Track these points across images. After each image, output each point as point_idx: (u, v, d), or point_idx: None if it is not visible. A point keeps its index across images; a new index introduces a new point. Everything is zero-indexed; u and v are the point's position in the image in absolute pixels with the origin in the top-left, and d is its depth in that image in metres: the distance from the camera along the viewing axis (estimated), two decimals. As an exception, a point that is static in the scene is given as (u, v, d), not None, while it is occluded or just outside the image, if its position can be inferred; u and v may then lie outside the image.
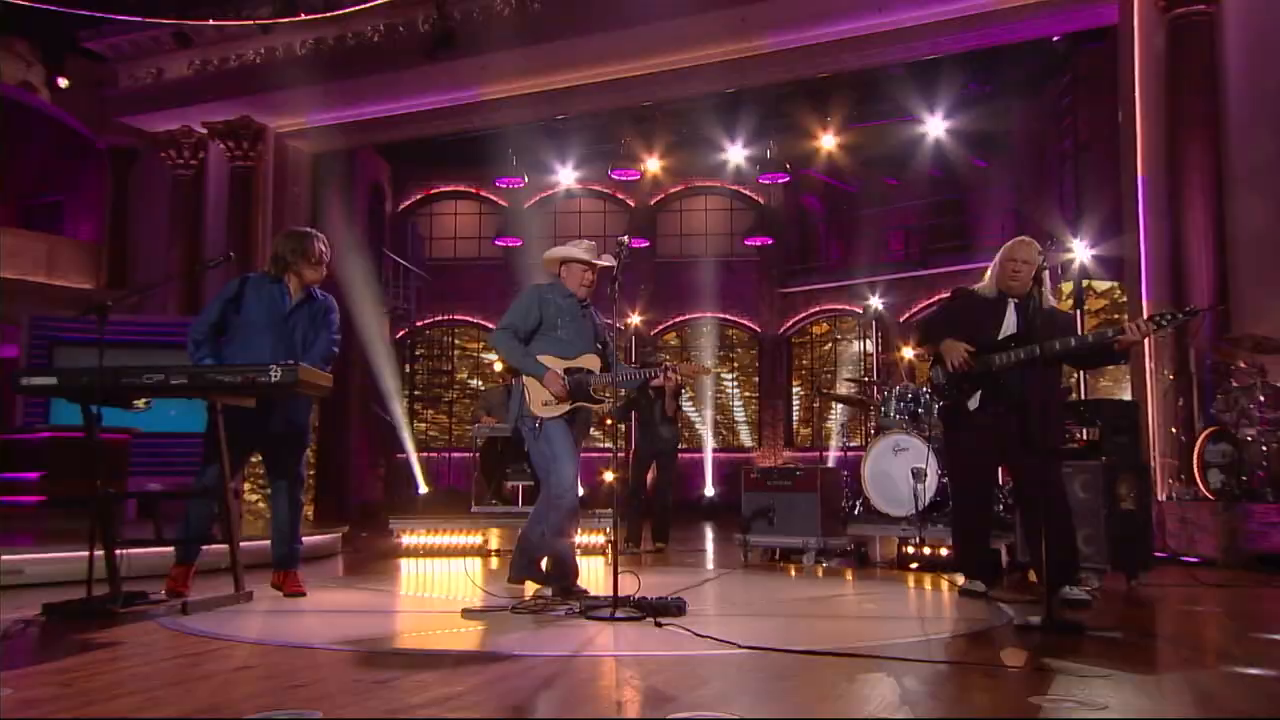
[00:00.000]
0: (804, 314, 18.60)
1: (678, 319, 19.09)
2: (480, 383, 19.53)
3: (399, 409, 17.82)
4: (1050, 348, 5.02)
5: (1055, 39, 12.77)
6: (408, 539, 9.21)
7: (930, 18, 12.27)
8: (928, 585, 7.04)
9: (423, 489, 17.89)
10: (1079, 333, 6.02)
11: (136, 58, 15.68)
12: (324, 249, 5.91)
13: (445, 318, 19.79)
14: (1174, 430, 10.03)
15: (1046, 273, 5.42)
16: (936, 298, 17.20)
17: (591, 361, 5.51)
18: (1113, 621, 5.05)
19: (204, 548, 5.60)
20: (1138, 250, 11.06)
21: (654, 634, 4.37)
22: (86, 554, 5.06)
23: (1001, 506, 7.01)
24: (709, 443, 17.80)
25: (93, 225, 17.33)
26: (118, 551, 5.08)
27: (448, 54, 13.50)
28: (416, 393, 19.56)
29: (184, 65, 15.48)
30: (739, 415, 18.80)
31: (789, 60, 13.53)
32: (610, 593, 4.87)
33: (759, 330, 18.83)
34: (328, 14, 12.70)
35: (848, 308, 17.85)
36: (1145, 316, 6.03)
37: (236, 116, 15.72)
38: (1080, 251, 11.89)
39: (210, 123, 15.90)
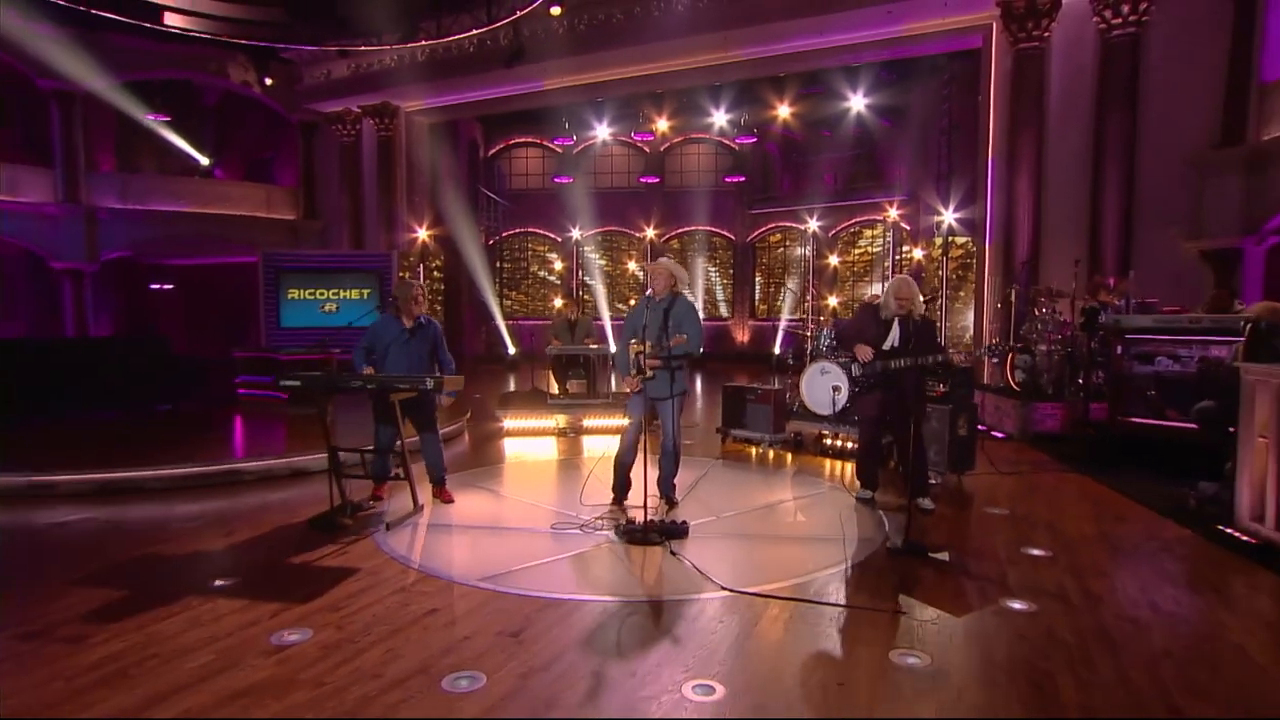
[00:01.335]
0: (765, 228, 18.37)
1: (679, 230, 18.96)
2: (546, 273, 19.74)
3: (490, 292, 17.98)
4: (922, 358, 5.22)
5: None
6: (509, 423, 8.88)
7: (856, 40, 12.01)
8: (837, 476, 6.80)
9: (510, 350, 17.67)
10: (937, 339, 5.71)
11: (314, 64, 15.46)
12: (420, 291, 5.89)
13: (520, 230, 19.63)
14: (995, 341, 10.00)
15: (916, 289, 5.53)
16: (855, 220, 17.17)
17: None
18: (943, 539, 4.92)
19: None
20: (985, 215, 10.98)
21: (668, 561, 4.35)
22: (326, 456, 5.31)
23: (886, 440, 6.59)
24: (700, 312, 18.02)
25: (291, 176, 17.27)
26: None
27: (519, 63, 13.30)
28: (504, 279, 19.70)
29: (344, 69, 15.23)
30: (719, 295, 18.91)
31: (755, 64, 13.28)
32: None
33: (733, 238, 18.69)
34: (439, 40, 12.46)
35: (794, 225, 17.64)
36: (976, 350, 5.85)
37: (380, 102, 15.60)
38: (948, 215, 11.72)
39: (363, 106, 15.80)
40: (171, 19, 11.04)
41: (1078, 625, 3.58)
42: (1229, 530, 4.85)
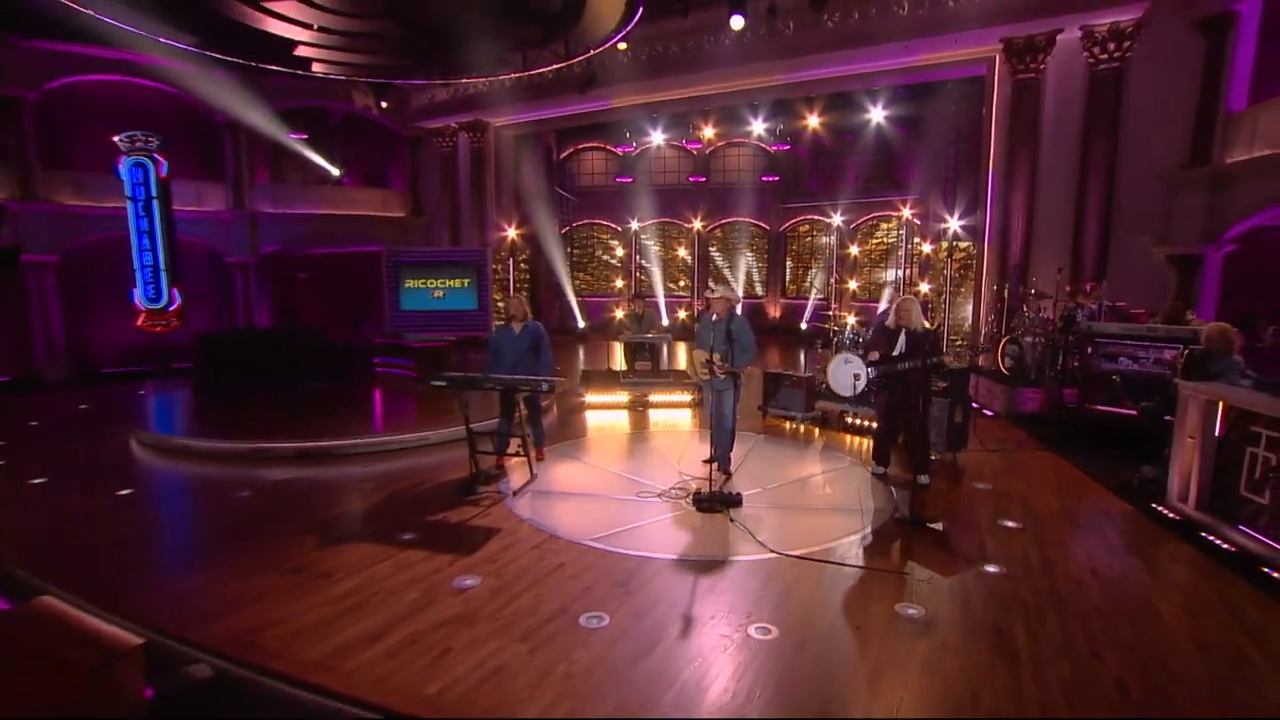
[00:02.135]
0: (795, 220, 18.40)
1: (722, 221, 19.09)
2: (608, 258, 20.14)
3: (564, 271, 18.51)
4: (923, 361, 5.52)
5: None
6: (590, 398, 9.25)
7: (877, 69, 11.96)
8: (859, 450, 7.15)
9: (580, 322, 18.16)
10: (938, 346, 5.93)
11: (421, 90, 15.91)
12: (523, 305, 6.44)
13: (587, 221, 19.94)
14: (983, 344, 10.24)
15: (918, 307, 5.91)
16: (873, 215, 17.16)
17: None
18: (939, 511, 5.28)
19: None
20: (985, 222, 11.00)
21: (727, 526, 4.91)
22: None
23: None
24: (740, 291, 18.32)
25: (401, 181, 17.83)
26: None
27: (592, 88, 13.60)
28: (574, 263, 20.13)
29: (445, 94, 15.68)
30: (755, 277, 19.12)
31: (792, 87, 13.26)
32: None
33: (768, 228, 18.73)
34: (524, 72, 12.83)
35: (820, 218, 17.67)
36: (969, 354, 5.93)
37: (473, 119, 15.98)
38: (953, 222, 11.74)
39: (460, 122, 16.22)
40: (317, 66, 11.65)
41: (1035, 586, 4.14)
42: (1161, 508, 5.31)
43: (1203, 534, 4.84)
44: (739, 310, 6.32)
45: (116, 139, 13.10)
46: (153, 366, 14.28)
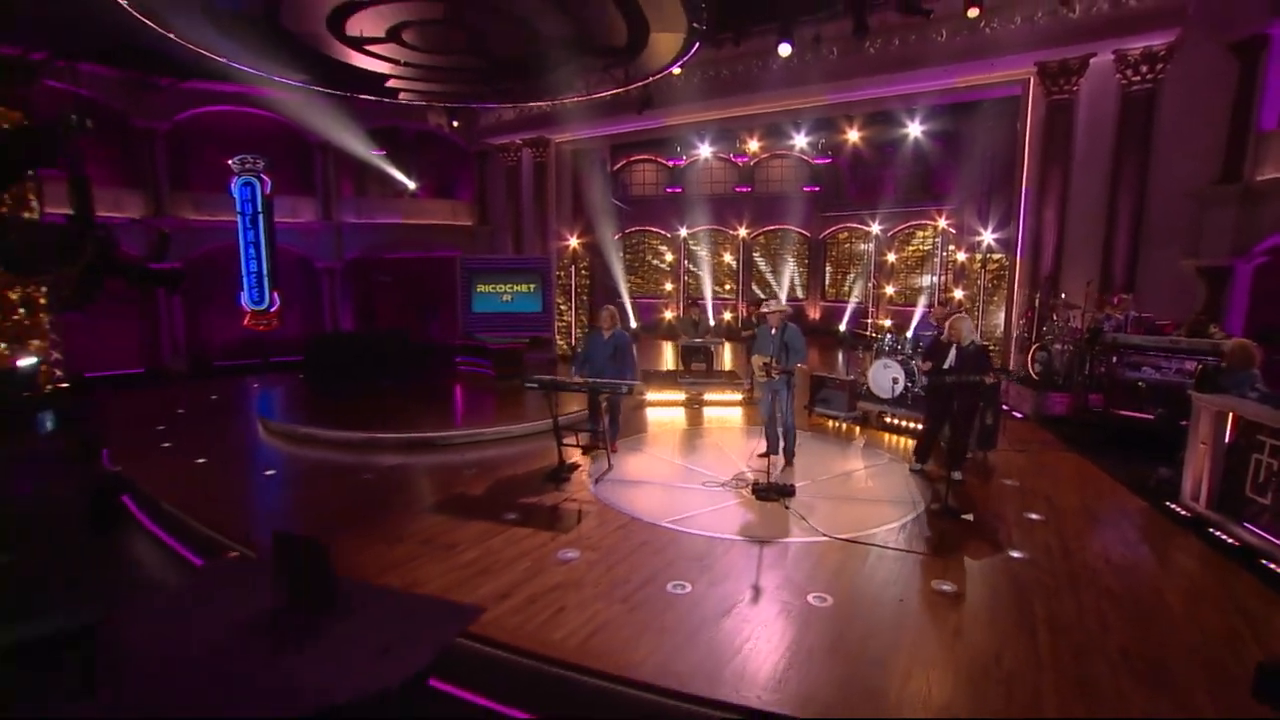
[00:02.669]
0: (834, 227, 18.54)
1: (765, 228, 19.36)
2: (658, 263, 20.63)
3: (622, 274, 19.04)
4: (968, 374, 5.92)
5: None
6: (651, 395, 9.75)
7: (918, 89, 12.13)
8: (897, 448, 7.61)
9: (633, 323, 18.50)
10: (984, 364, 6.13)
11: (488, 110, 16.66)
12: (614, 316, 7.03)
13: (638, 228, 20.31)
14: (1024, 336, 10.42)
15: (968, 323, 6.35)
16: (910, 223, 17.28)
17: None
18: (970, 504, 5.70)
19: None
20: (1018, 235, 11.10)
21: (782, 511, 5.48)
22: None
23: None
24: (784, 296, 18.60)
25: (468, 192, 18.62)
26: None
27: (649, 109, 14.12)
28: (626, 267, 20.52)
29: (511, 113, 16.33)
30: (796, 281, 19.39)
31: (835, 106, 13.50)
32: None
33: (809, 235, 18.93)
34: (587, 96, 13.40)
35: (859, 226, 17.82)
36: (992, 377, 6.12)
37: (536, 136, 16.55)
38: (986, 235, 11.92)
39: (524, 139, 16.85)
40: (404, 95, 12.50)
41: (1054, 570, 4.60)
42: (1174, 506, 5.66)
43: (1211, 530, 5.20)
44: (782, 301, 6.88)
45: (230, 162, 14.26)
46: (254, 361, 15.43)
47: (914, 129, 15.43)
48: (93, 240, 4.29)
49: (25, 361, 8.41)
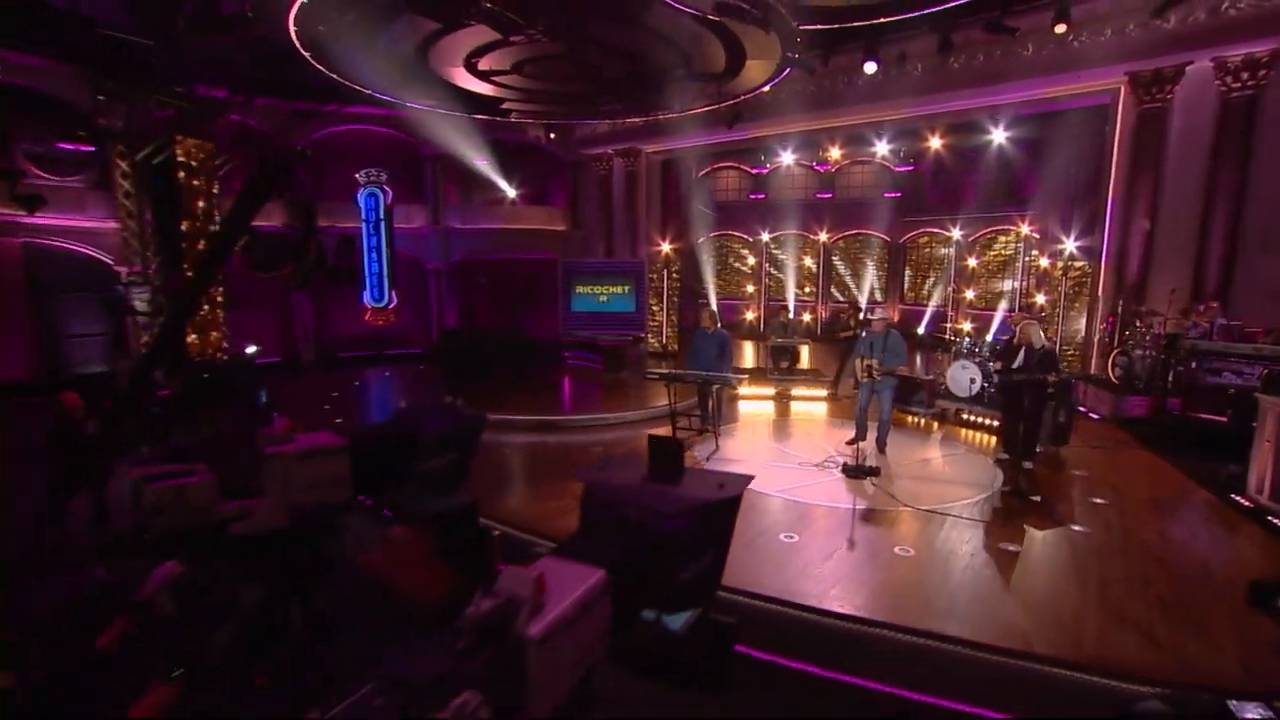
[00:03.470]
0: (914, 232, 18.91)
1: (847, 233, 20.00)
2: (740, 265, 21.56)
3: (710, 277, 20.04)
4: (1034, 373, 6.66)
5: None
6: (743, 390, 10.52)
7: (1002, 101, 12.59)
8: (973, 441, 8.37)
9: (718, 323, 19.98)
10: (1050, 364, 6.81)
11: (584, 124, 18.04)
12: (714, 316, 8.08)
13: (721, 233, 21.27)
14: (1105, 341, 10.82)
15: (1037, 328, 7.05)
16: (991, 229, 17.57)
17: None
18: (1039, 489, 6.37)
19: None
20: (1103, 243, 11.26)
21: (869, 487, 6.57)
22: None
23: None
24: (864, 299, 19.21)
25: (562, 199, 19.99)
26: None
27: (738, 123, 15.12)
28: (713, 267, 21.51)
29: (605, 126, 17.52)
30: (877, 285, 19.90)
31: (920, 118, 14.20)
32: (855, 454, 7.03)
33: (889, 240, 19.36)
34: (681, 113, 14.49)
35: (939, 231, 18.18)
36: (1055, 376, 6.81)
37: (628, 147, 17.75)
38: (1069, 244, 12.17)
39: (616, 149, 18.17)
40: (515, 116, 14.06)
41: (1110, 543, 5.43)
42: (1238, 498, 6.32)
43: (1269, 518, 5.86)
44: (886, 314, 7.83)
45: (357, 175, 16.26)
46: (371, 353, 17.43)
47: (998, 135, 15.79)
48: (315, 245, 5.78)
49: (251, 349, 10.39)
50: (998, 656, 3.84)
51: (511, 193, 19.56)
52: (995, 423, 8.01)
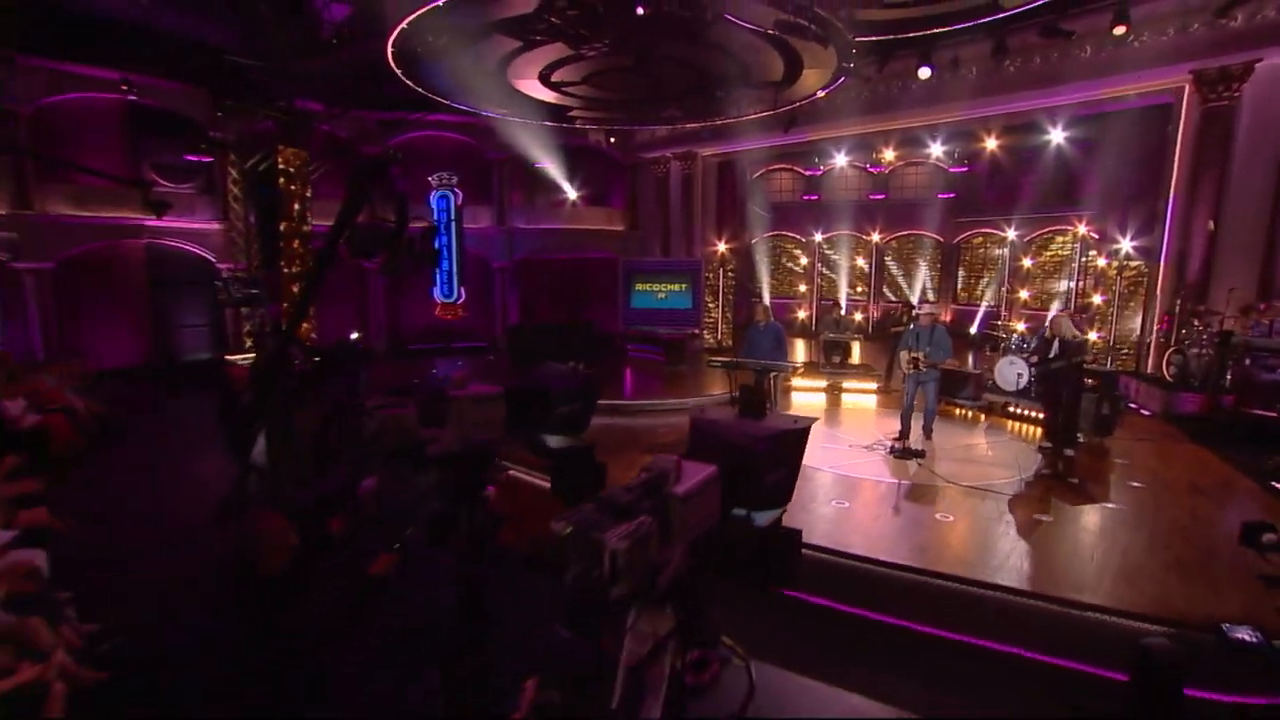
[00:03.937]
0: (969, 232, 18.99)
1: (899, 233, 20.23)
2: (793, 265, 22.06)
3: (764, 276, 20.88)
4: (1068, 363, 7.02)
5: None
6: (795, 381, 10.85)
7: (1064, 101, 12.81)
8: (1018, 432, 8.79)
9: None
10: (1081, 354, 7.23)
11: (643, 128, 18.95)
12: (768, 311, 8.71)
13: (775, 233, 21.72)
14: (1160, 340, 10.96)
15: (1068, 321, 7.42)
16: (1047, 229, 17.62)
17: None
18: (1077, 473, 6.74)
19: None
20: (1163, 242, 11.28)
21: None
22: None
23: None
24: (915, 298, 19.46)
25: (620, 200, 20.90)
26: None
27: (793, 128, 15.73)
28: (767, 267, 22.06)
29: (664, 131, 18.41)
30: (929, 285, 20.06)
31: (976, 120, 14.57)
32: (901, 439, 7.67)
33: (943, 240, 19.44)
34: (738, 118, 15.17)
35: (994, 231, 18.30)
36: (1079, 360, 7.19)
37: (685, 150, 18.57)
38: (1125, 243, 12.29)
39: (673, 153, 19.01)
40: (580, 122, 15.03)
41: (1140, 516, 5.93)
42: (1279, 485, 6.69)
43: (1305, 503, 6.24)
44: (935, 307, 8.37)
45: (430, 178, 17.51)
46: (439, 345, 18.69)
47: (1055, 135, 15.89)
48: (406, 236, 6.75)
49: (354, 335, 11.67)
50: (1019, 598, 4.49)
51: (573, 194, 20.58)
52: (1040, 415, 8.44)
